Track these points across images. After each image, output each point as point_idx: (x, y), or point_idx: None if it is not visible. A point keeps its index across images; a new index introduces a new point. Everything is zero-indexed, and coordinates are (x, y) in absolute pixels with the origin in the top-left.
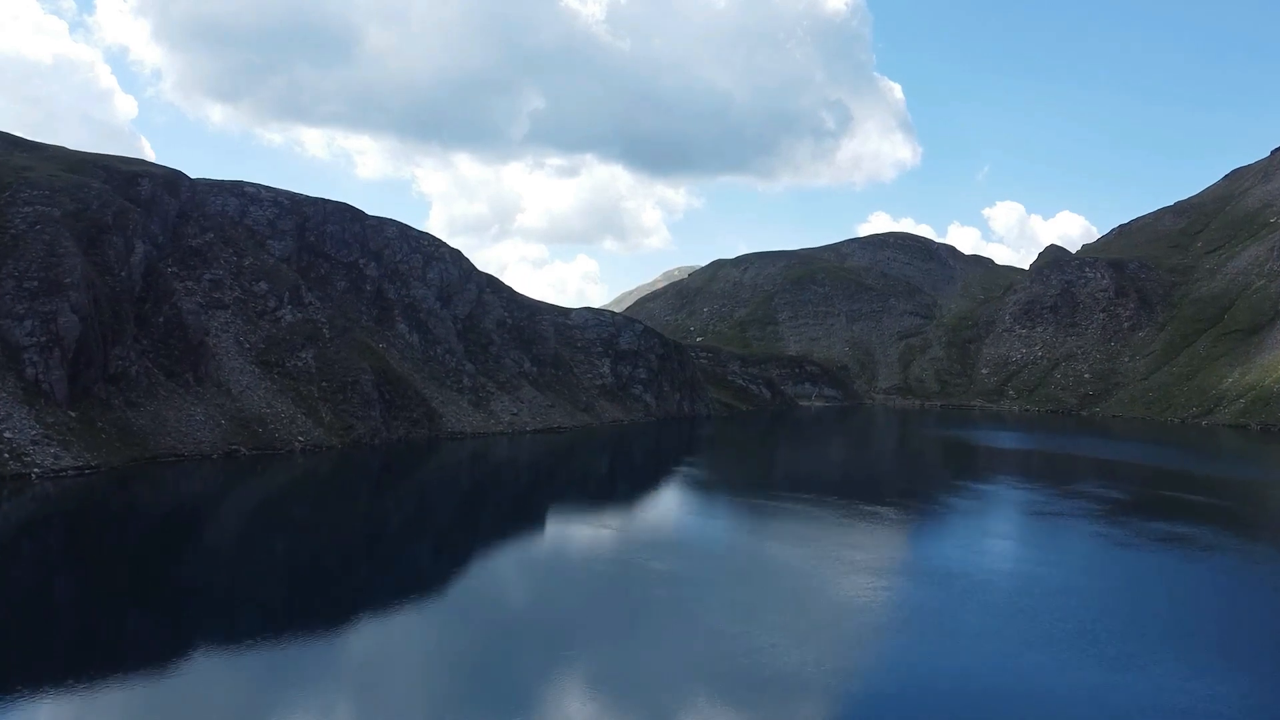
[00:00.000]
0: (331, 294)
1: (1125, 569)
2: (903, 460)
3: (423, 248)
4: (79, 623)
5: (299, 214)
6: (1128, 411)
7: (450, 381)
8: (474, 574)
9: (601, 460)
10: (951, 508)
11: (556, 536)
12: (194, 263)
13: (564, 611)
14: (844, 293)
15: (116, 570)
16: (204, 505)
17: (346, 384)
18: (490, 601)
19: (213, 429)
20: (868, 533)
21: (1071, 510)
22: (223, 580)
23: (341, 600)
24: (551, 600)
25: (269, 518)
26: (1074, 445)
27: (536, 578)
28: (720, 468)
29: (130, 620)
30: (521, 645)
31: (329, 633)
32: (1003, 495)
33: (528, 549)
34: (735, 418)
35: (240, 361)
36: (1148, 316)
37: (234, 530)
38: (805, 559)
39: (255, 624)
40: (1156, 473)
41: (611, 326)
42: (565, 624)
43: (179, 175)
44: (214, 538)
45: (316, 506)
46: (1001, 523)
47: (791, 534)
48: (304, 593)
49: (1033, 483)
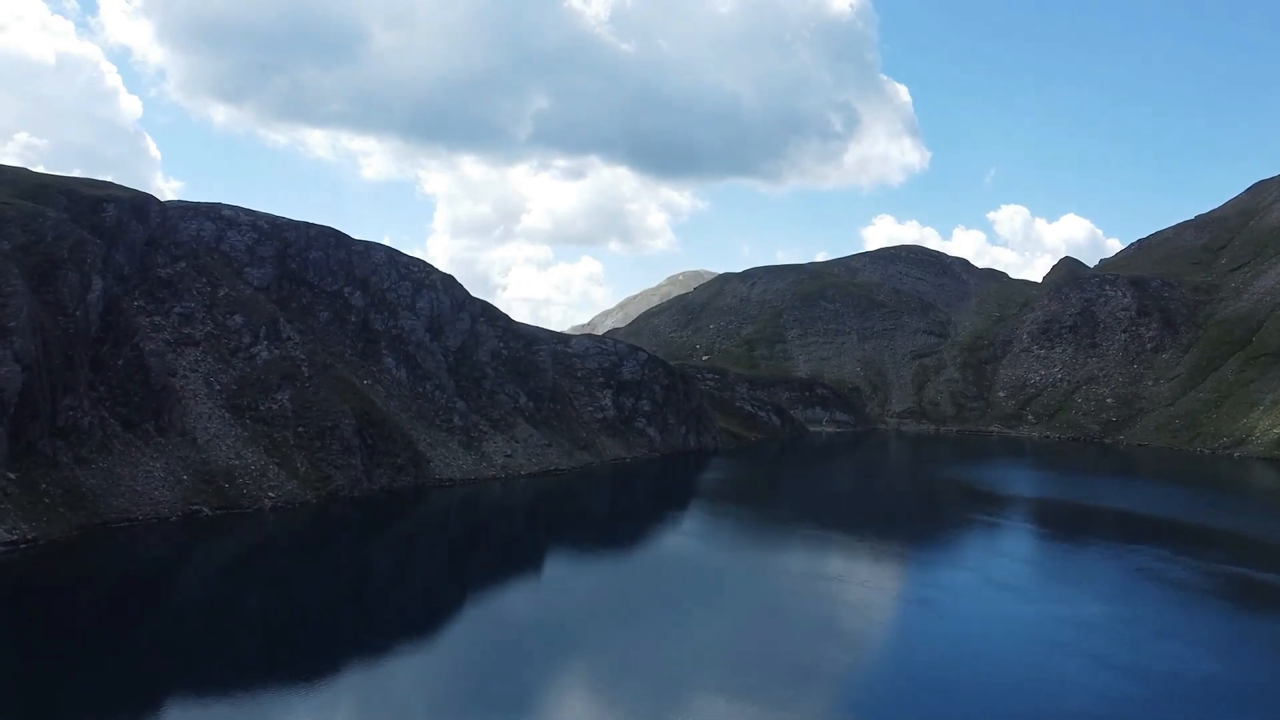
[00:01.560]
0: (313, 326)
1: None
2: (908, 513)
3: (412, 274)
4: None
5: (280, 239)
6: (1153, 440)
7: (440, 421)
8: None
9: (598, 509)
10: (982, 616)
11: (542, 609)
12: (163, 295)
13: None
14: (855, 309)
15: (32, 668)
16: (142, 584)
17: (325, 429)
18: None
19: (173, 486)
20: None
21: (1128, 616)
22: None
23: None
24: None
25: (215, 599)
26: (1102, 491)
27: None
28: (722, 531)
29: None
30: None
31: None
32: (1038, 590)
33: (516, 631)
34: (744, 449)
35: (209, 406)
36: (1171, 338)
37: (178, 612)
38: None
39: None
40: (1205, 534)
41: (614, 355)
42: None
43: (148, 200)
44: (150, 626)
45: (274, 583)
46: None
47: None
48: (255, 681)
49: (1067, 556)
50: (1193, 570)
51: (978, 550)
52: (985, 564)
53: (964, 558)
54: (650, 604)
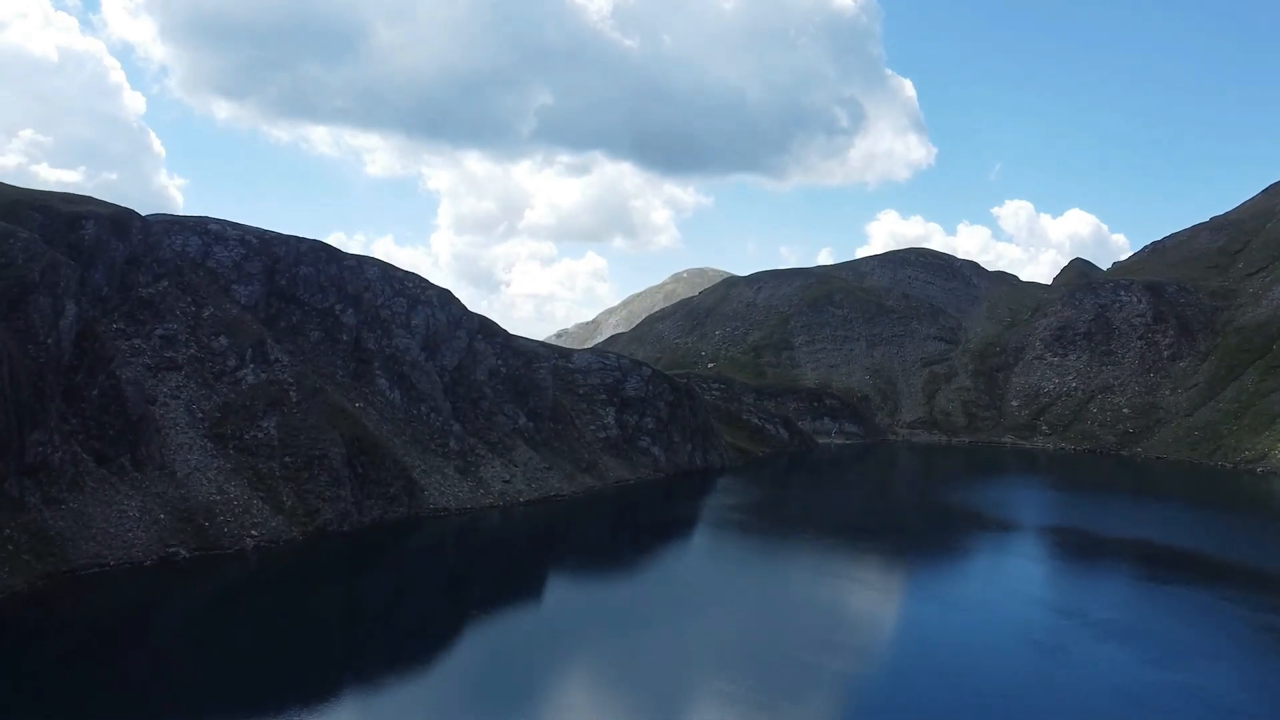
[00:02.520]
0: (303, 346)
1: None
2: (916, 546)
3: (407, 290)
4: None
5: (269, 255)
6: (1172, 453)
7: (435, 445)
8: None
9: (599, 544)
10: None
11: (547, 655)
12: (144, 317)
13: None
14: (863, 315)
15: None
16: (108, 637)
17: (313, 458)
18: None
19: (148, 527)
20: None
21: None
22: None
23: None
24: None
25: (187, 651)
26: (1123, 516)
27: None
28: (726, 576)
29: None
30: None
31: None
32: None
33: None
34: (751, 465)
35: (190, 435)
36: (1189, 345)
37: (146, 668)
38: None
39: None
40: (1252, 578)
41: (616, 371)
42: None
43: (130, 215)
44: (117, 682)
45: (251, 633)
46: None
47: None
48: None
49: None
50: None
51: (1076, 594)
52: (1088, 613)
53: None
54: (656, 659)
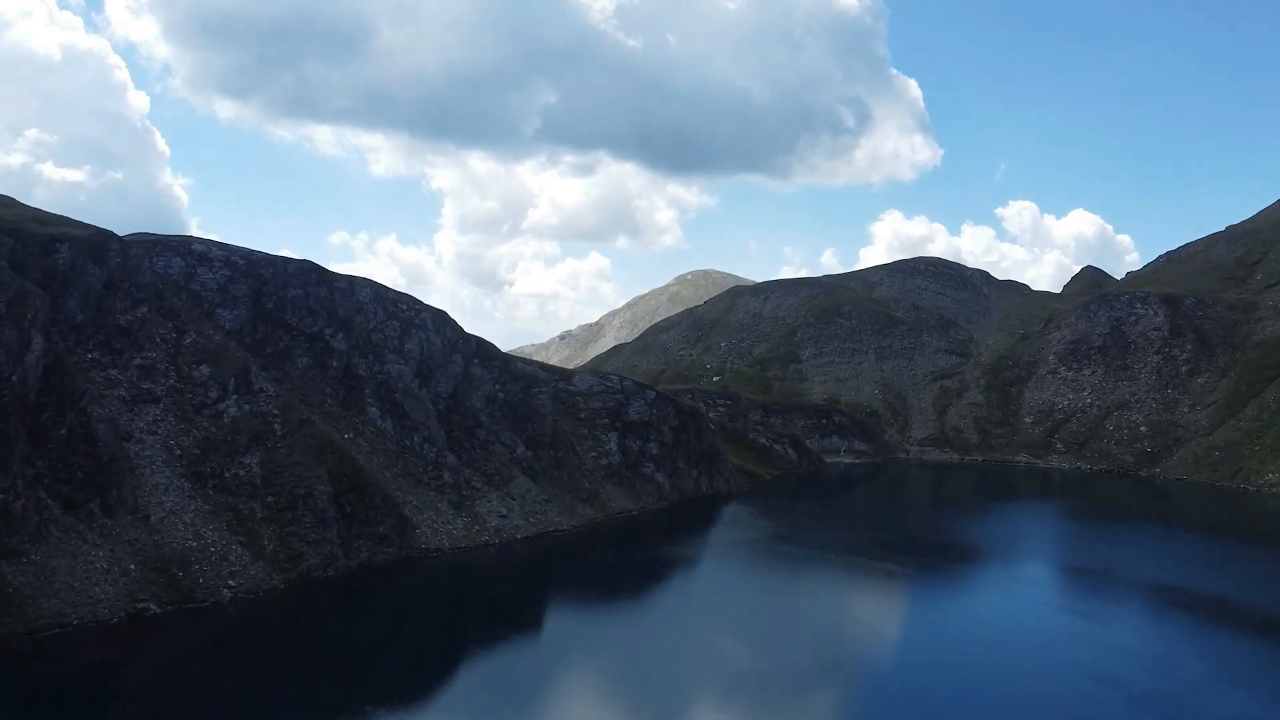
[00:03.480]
0: (290, 373)
1: None
2: (930, 599)
3: (400, 313)
4: None
5: (255, 276)
6: (1192, 474)
7: (429, 478)
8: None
9: (597, 585)
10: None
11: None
12: (121, 345)
13: None
14: (872, 327)
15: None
16: (63, 708)
17: (298, 497)
18: None
19: (117, 579)
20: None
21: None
22: None
23: None
24: None
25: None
26: (1153, 551)
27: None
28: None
29: None
30: None
31: None
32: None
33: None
34: (758, 490)
35: (167, 475)
36: (1207, 360)
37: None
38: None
39: None
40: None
41: (619, 394)
42: None
43: (108, 237)
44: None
45: (222, 700)
46: None
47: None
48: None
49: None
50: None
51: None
52: (1131, 681)
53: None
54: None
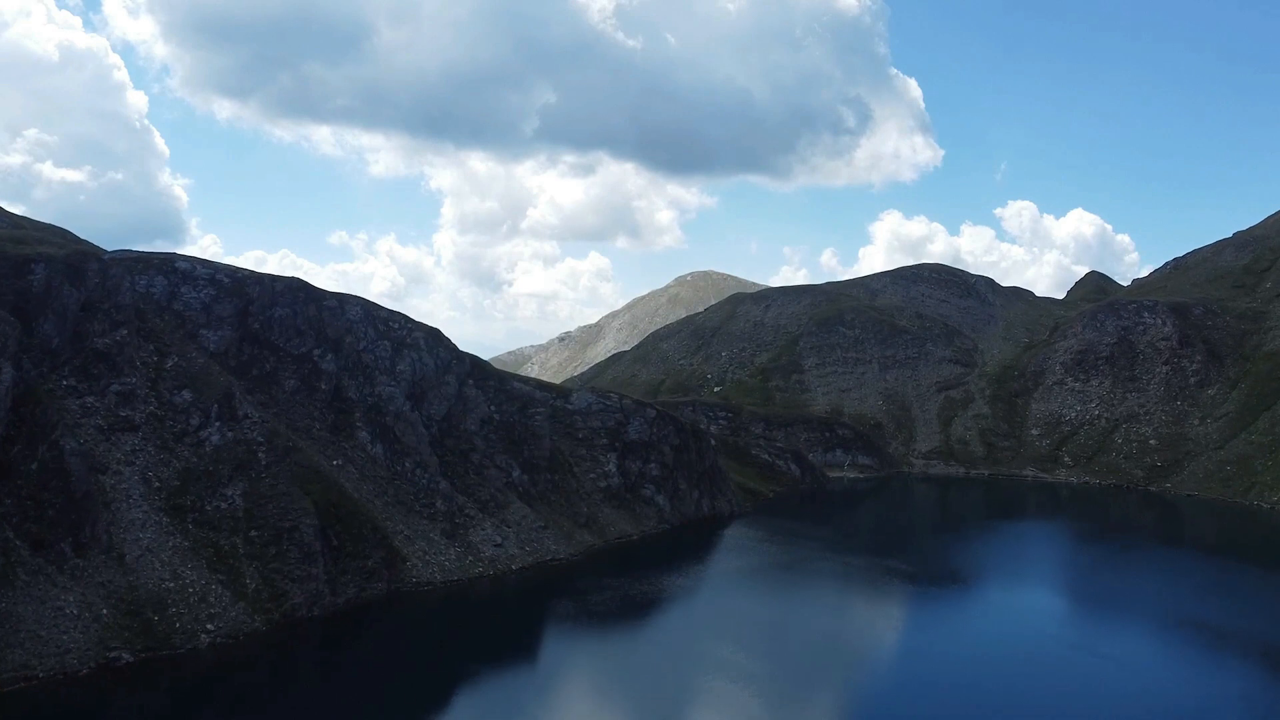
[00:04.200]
0: (277, 396)
1: None
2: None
3: (392, 332)
4: None
5: (241, 295)
6: (1203, 490)
7: (420, 506)
8: None
9: (594, 621)
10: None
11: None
12: (98, 371)
13: None
14: (875, 336)
15: None
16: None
17: (282, 531)
18: None
19: (87, 626)
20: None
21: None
22: None
23: None
24: None
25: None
26: (1157, 574)
27: None
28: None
29: None
30: None
31: None
32: None
33: None
34: (761, 509)
35: (144, 509)
36: (1217, 371)
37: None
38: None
39: None
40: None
41: (618, 412)
42: None
43: (87, 256)
44: None
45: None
46: None
47: None
48: None
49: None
50: None
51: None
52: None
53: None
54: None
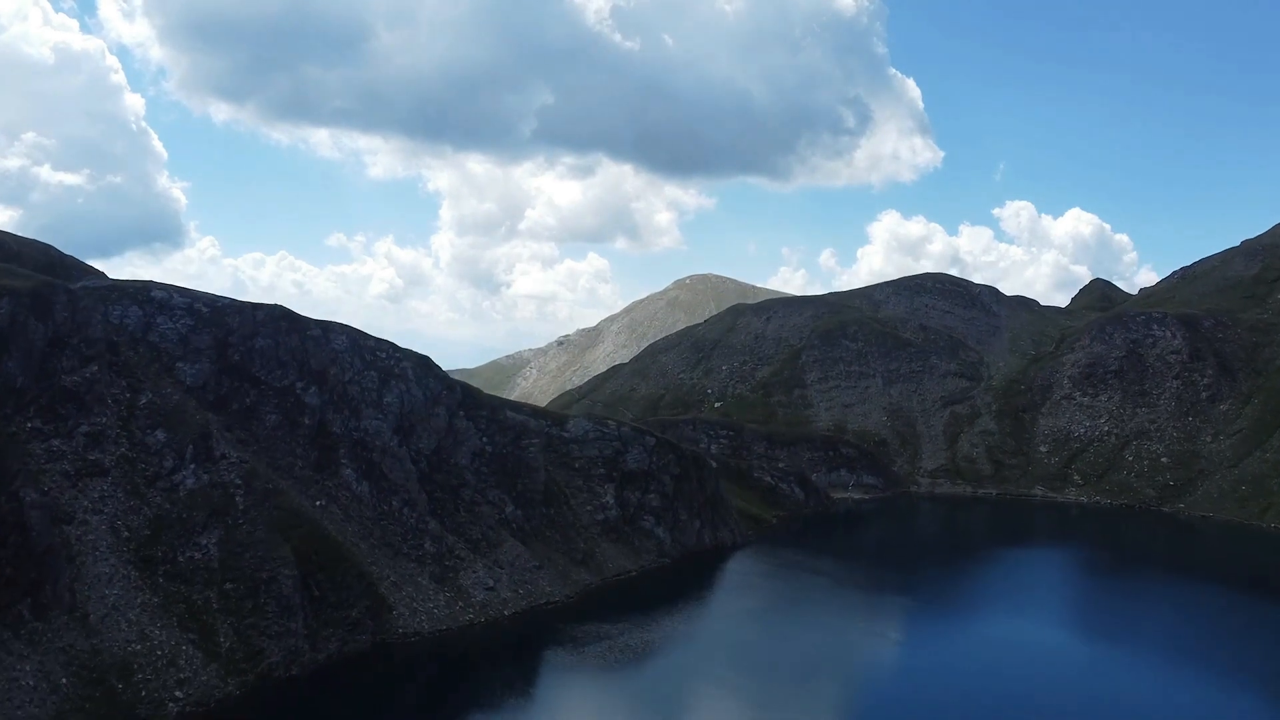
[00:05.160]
0: (258, 432)
1: None
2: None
3: (379, 362)
4: None
5: (220, 325)
6: (1218, 510)
7: (408, 548)
8: None
9: (589, 671)
10: None
11: None
12: (66, 410)
13: None
14: (879, 349)
15: None
16: None
17: (259, 583)
18: None
19: (45, 698)
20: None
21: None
22: None
23: None
24: None
25: None
26: (1175, 610)
27: None
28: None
29: None
30: None
31: None
32: None
33: None
34: (765, 537)
35: (112, 563)
36: (1229, 385)
37: None
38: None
39: None
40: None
41: (616, 441)
42: None
43: (54, 289)
44: None
45: None
46: None
47: None
48: None
49: None
50: None
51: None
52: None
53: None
54: None
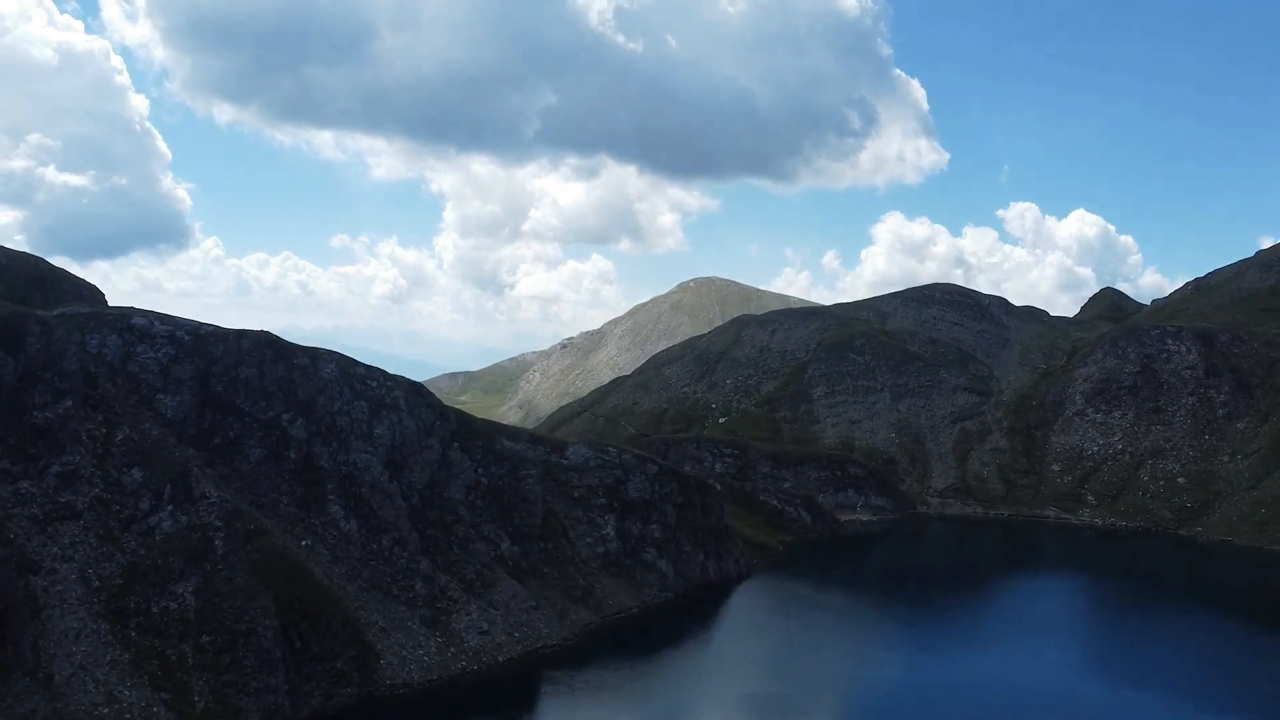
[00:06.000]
0: (241, 468)
1: None
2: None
3: (369, 391)
4: None
5: (203, 354)
6: (1237, 535)
7: (398, 590)
8: None
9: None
10: None
11: None
12: (36, 450)
13: None
14: (887, 363)
15: None
16: None
17: (238, 636)
18: None
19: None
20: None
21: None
22: None
23: None
24: None
25: None
26: (1199, 655)
27: None
28: None
29: None
30: None
31: None
32: None
33: None
34: (772, 566)
35: (81, 616)
36: (1246, 403)
37: None
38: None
39: None
40: None
41: (617, 469)
42: None
43: (25, 319)
44: None
45: None
46: None
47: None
48: None
49: None
50: None
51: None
52: None
53: None
54: None
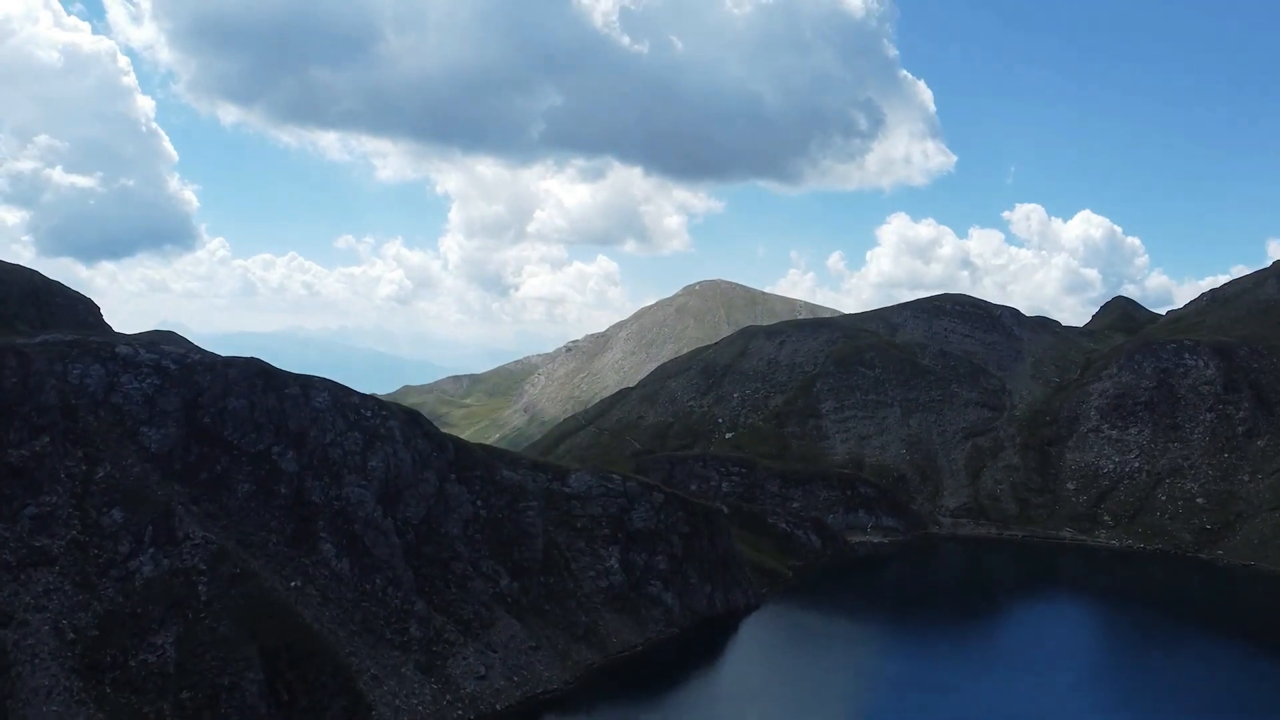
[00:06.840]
0: (228, 505)
1: None
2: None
3: (363, 421)
4: None
5: (190, 384)
6: (1259, 559)
7: (392, 633)
8: None
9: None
10: None
11: None
12: (11, 490)
13: None
14: (897, 377)
15: None
16: None
17: (220, 690)
18: None
19: None
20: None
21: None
22: None
23: None
24: None
25: None
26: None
27: None
28: None
29: None
30: None
31: None
32: None
33: None
34: (781, 597)
35: (54, 672)
36: (1266, 420)
37: None
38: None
39: None
40: None
41: (622, 497)
42: None
43: (4, 351)
44: None
45: None
46: None
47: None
48: None
49: None
50: None
51: None
52: None
53: None
54: None
